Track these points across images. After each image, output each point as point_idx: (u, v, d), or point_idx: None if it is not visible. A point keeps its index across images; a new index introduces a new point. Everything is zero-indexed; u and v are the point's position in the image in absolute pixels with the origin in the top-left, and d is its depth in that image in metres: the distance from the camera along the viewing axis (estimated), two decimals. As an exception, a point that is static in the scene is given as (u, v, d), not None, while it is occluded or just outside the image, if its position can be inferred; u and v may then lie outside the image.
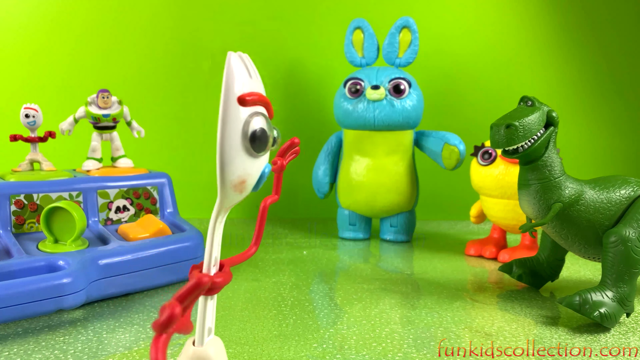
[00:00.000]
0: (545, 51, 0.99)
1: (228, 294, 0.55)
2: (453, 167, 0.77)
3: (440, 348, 0.43)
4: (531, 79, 1.00)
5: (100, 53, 0.94)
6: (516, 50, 0.99)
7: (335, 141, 0.84)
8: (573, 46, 1.00)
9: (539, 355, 0.42)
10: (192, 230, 0.61)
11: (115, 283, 0.52)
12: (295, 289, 0.58)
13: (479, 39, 0.99)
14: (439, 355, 0.42)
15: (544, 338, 0.45)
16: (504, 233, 0.75)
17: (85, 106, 0.67)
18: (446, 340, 0.44)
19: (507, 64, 0.99)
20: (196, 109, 0.97)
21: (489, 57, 0.99)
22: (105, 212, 0.63)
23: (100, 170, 0.67)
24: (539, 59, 0.99)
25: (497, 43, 0.99)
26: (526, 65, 0.99)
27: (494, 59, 0.99)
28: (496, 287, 0.60)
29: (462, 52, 0.98)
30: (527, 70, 1.00)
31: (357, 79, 0.78)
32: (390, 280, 0.62)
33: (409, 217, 0.82)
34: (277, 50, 0.97)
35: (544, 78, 1.00)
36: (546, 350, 0.43)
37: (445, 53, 0.98)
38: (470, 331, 0.46)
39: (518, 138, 0.48)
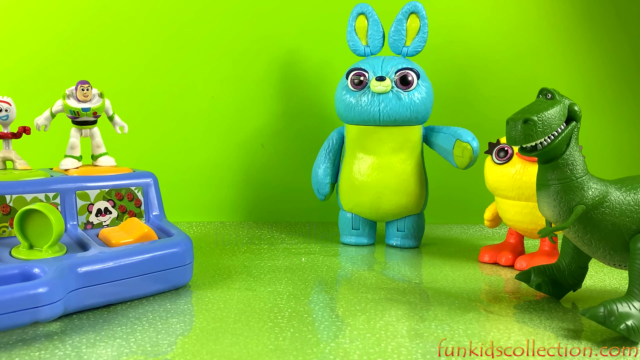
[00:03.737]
0: (566, 39, 0.99)
1: (219, 305, 0.55)
2: (465, 166, 0.77)
3: (440, 348, 0.45)
4: (551, 69, 1.00)
5: (79, 41, 0.94)
6: (534, 38, 0.99)
7: (337, 138, 0.84)
8: (597, 34, 1.00)
9: (539, 355, 0.44)
10: (181, 234, 0.61)
11: (95, 293, 0.52)
12: (293, 299, 0.58)
13: (494, 26, 0.99)
14: (439, 355, 0.44)
15: (544, 338, 0.47)
16: (522, 238, 0.75)
17: (63, 99, 0.67)
18: (446, 340, 0.47)
19: (524, 53, 0.99)
20: (185, 102, 0.97)
21: (505, 45, 0.99)
22: (84, 215, 0.62)
23: (80, 169, 0.67)
24: (559, 47, 0.99)
25: (513, 30, 0.99)
26: (545, 54, 0.99)
27: (510, 48, 0.99)
28: (513, 298, 0.60)
29: (475, 40, 0.98)
30: (546, 60, 1.00)
31: (360, 70, 0.78)
32: (396, 290, 0.61)
33: (417, 221, 0.82)
34: (273, 38, 0.97)
35: (565, 69, 1.00)
36: (546, 350, 0.45)
37: (456, 41, 0.98)
38: (484, 345, 0.46)
39: (537, 134, 0.48)
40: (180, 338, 0.48)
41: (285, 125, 0.99)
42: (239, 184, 1.00)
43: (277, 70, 0.98)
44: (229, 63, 0.97)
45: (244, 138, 0.99)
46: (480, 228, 0.97)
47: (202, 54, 0.97)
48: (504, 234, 0.91)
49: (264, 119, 0.99)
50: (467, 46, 0.99)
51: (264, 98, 0.99)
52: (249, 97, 0.98)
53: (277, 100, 0.99)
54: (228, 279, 0.64)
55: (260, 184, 1.00)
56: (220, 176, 0.99)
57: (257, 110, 0.99)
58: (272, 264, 0.72)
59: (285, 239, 0.86)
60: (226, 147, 0.99)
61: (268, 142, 1.00)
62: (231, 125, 0.98)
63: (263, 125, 0.99)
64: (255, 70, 0.98)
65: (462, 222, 1.01)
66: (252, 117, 0.99)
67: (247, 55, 0.97)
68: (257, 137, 0.99)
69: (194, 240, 0.80)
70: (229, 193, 1.00)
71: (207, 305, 0.55)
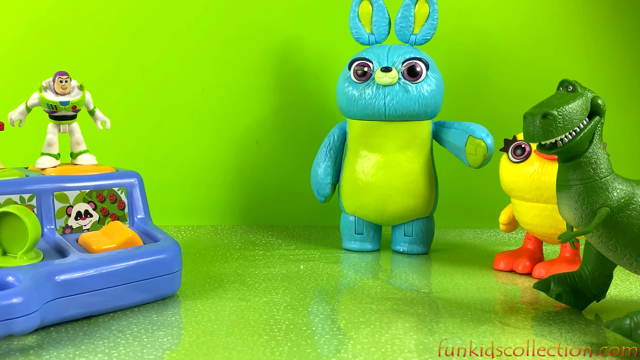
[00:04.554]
0: (589, 26, 0.99)
1: (210, 317, 0.55)
2: (479, 165, 0.77)
3: (440, 348, 0.48)
4: (572, 59, 0.99)
5: (57, 27, 0.94)
6: (554, 24, 0.99)
7: (338, 134, 0.84)
8: (624, 20, 0.99)
9: (539, 355, 0.47)
10: (168, 240, 0.61)
11: (75, 303, 0.52)
12: (291, 310, 0.58)
13: (510, 11, 0.98)
14: (439, 355, 0.47)
15: (544, 338, 0.50)
16: (540, 243, 0.75)
17: (40, 92, 0.67)
18: (446, 340, 0.49)
19: (543, 41, 0.99)
20: (172, 95, 0.97)
21: (522, 32, 0.99)
22: (63, 218, 0.62)
23: (58, 168, 0.67)
24: (582, 35, 0.99)
25: (531, 15, 0.99)
26: (566, 42, 0.99)
27: (527, 35, 0.99)
28: (531, 308, 0.60)
29: (489, 26, 0.98)
30: (567, 49, 1.00)
31: (364, 60, 0.78)
32: (404, 300, 0.61)
33: (426, 225, 0.82)
34: (268, 25, 0.97)
35: (588, 58, 1.00)
36: (546, 350, 0.48)
37: (469, 28, 0.98)
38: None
39: (557, 130, 0.48)
40: (168, 353, 0.48)
41: (282, 121, 0.99)
42: (231, 184, 1.00)
43: (273, 60, 0.98)
44: (221, 52, 0.97)
45: (237, 134, 0.99)
46: (495, 232, 0.97)
47: (191, 42, 0.97)
48: (521, 239, 0.91)
49: (259, 114, 0.99)
50: (481, 33, 0.98)
51: (259, 90, 0.99)
52: (243, 90, 0.98)
53: (273, 93, 0.99)
54: (220, 288, 0.64)
55: (255, 184, 1.00)
56: (211, 176, 0.99)
57: (252, 104, 0.99)
58: (267, 271, 0.71)
59: (282, 245, 0.86)
60: (218, 144, 0.99)
61: (263, 139, 1.00)
62: (223, 120, 0.98)
63: (258, 121, 0.99)
64: (250, 59, 0.98)
65: (475, 226, 1.01)
66: (246, 111, 0.99)
67: (240, 43, 0.97)
68: (252, 133, 0.99)
69: (182, 245, 0.80)
70: (220, 194, 1.00)
71: (197, 317, 0.55)
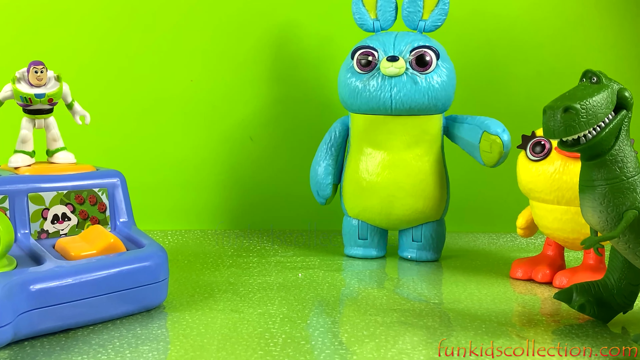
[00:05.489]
0: (617, 10, 0.99)
1: (199, 330, 0.55)
2: (494, 163, 0.77)
3: (440, 348, 0.51)
4: (597, 47, 0.99)
5: (32, 13, 0.94)
6: (578, 9, 0.99)
7: (340, 130, 0.84)
8: (651, 5, 0.99)
9: (539, 355, 0.50)
10: (153, 245, 0.61)
11: (51, 315, 0.52)
12: (288, 323, 0.58)
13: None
14: (438, 355, 0.49)
15: (543, 338, 0.53)
16: (561, 250, 0.75)
17: (13, 83, 0.67)
18: (446, 340, 0.52)
19: (565, 27, 0.99)
20: (158, 87, 0.97)
21: (542, 17, 0.99)
22: (38, 222, 0.62)
23: (33, 167, 0.67)
24: (608, 20, 0.99)
25: (552, 0, 0.99)
26: (590, 28, 0.99)
27: (548, 20, 0.99)
28: (551, 321, 0.60)
29: (505, 11, 0.98)
30: (592, 36, 0.99)
31: (368, 48, 0.78)
32: (411, 312, 0.62)
33: (436, 229, 0.82)
34: (264, 10, 0.97)
35: (615, 46, 1.00)
36: (546, 350, 0.51)
37: (483, 12, 0.98)
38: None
39: (580, 125, 0.48)
40: (153, 369, 0.48)
41: (279, 115, 0.99)
42: (223, 184, 1.00)
43: (269, 49, 0.98)
44: (212, 39, 0.97)
45: (229, 130, 0.99)
46: (512, 238, 0.97)
47: (179, 29, 0.97)
48: (541, 245, 0.91)
49: (253, 107, 0.99)
50: (497, 19, 0.98)
51: (253, 82, 0.99)
52: (235, 81, 0.98)
53: (268, 85, 0.99)
54: (210, 299, 0.64)
55: (249, 184, 1.00)
56: (200, 175, 0.99)
57: (245, 97, 0.99)
58: (262, 280, 0.71)
59: (278, 251, 0.86)
60: (208, 140, 0.99)
61: (258, 135, 1.00)
62: (214, 115, 0.98)
63: (252, 115, 0.99)
64: (243, 48, 0.98)
65: (490, 231, 1.01)
66: (239, 104, 0.99)
67: (233, 29, 0.97)
68: (245, 128, 0.99)
69: (169, 252, 0.80)
70: (211, 195, 1.00)
71: (185, 331, 0.55)
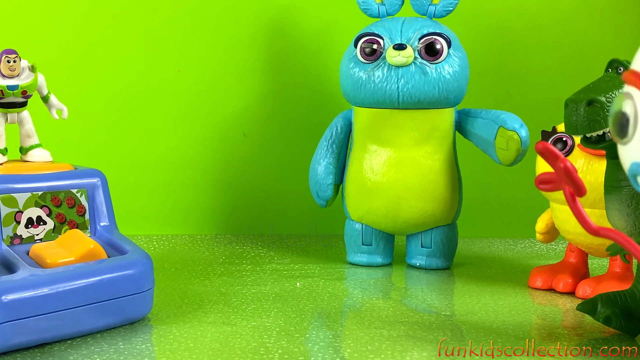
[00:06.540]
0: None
1: (188, 344, 0.55)
2: (511, 162, 0.77)
3: (440, 348, 0.53)
4: (623, 33, 1.00)
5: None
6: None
7: (342, 125, 0.84)
8: (684, -12, 1.00)
9: (539, 355, 0.53)
10: (137, 252, 0.61)
11: (26, 328, 0.52)
12: (285, 337, 0.58)
13: (549, -23, 0.99)
14: (438, 355, 0.52)
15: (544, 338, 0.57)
16: (585, 257, 0.75)
17: (-17, 74, 0.67)
18: (446, 339, 0.55)
19: (589, 13, 0.99)
20: (142, 78, 0.97)
21: (563, 2, 0.99)
22: (11, 226, 0.63)
23: (5, 166, 0.67)
24: (636, 5, 0.99)
25: (574, -17, 0.99)
26: (616, 13, 0.99)
27: (570, 5, 0.99)
28: (574, 335, 0.60)
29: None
30: (618, 23, 1.00)
31: (373, 35, 0.78)
32: (420, 325, 0.62)
33: (447, 234, 0.82)
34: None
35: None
36: (546, 350, 0.54)
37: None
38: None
39: (605, 120, 0.48)
40: (137, 387, 0.48)
41: (274, 108, 0.99)
42: (213, 185, 1.00)
43: (264, 35, 0.99)
44: (201, 26, 0.97)
45: (220, 125, 0.99)
46: (531, 243, 0.97)
47: (165, 14, 0.97)
48: (562, 252, 0.91)
49: (247, 100, 0.99)
50: (513, 3, 0.99)
51: (246, 72, 0.99)
52: (227, 71, 0.98)
53: (263, 75, 0.99)
54: (199, 310, 0.64)
55: (242, 185, 1.00)
56: (189, 175, 0.99)
57: (238, 89, 0.99)
58: (257, 290, 0.72)
59: (274, 258, 0.86)
60: (197, 136, 0.99)
61: (251, 131, 1.00)
62: (203, 109, 0.98)
63: (245, 108, 0.99)
64: (235, 35, 0.98)
65: (506, 236, 1.01)
66: (231, 97, 0.99)
67: (224, 15, 0.97)
68: (238, 123, 1.00)
69: (154, 259, 0.80)
70: (200, 197, 1.00)
71: (172, 345, 0.55)
